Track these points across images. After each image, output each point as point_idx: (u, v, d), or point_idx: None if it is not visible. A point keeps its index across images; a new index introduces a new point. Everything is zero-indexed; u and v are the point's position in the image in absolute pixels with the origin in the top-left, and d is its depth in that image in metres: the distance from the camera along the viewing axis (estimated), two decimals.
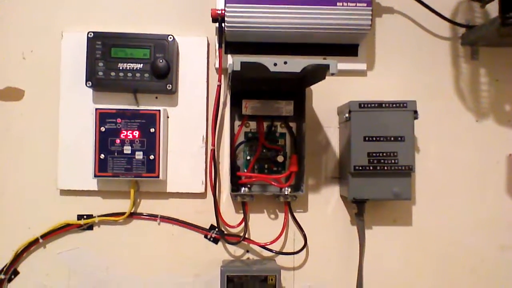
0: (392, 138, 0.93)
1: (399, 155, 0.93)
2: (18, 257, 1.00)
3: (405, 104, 0.93)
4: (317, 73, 0.83)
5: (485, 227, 1.05)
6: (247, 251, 1.03)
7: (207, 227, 1.02)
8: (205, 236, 1.02)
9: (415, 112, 0.94)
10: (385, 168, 0.93)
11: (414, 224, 1.05)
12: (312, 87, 1.01)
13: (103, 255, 1.01)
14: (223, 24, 0.96)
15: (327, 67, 0.76)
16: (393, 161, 0.93)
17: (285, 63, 0.76)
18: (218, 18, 0.95)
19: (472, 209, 1.05)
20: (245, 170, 1.00)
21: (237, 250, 1.03)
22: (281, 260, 1.02)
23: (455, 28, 1.06)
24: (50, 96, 1.00)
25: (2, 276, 0.99)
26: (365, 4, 0.94)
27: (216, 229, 1.01)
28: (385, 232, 1.04)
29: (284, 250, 1.03)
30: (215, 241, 1.02)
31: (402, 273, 1.04)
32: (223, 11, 0.94)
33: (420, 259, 1.04)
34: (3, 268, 1.00)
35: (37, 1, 1.03)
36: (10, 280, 1.00)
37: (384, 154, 0.93)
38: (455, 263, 1.04)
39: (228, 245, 1.02)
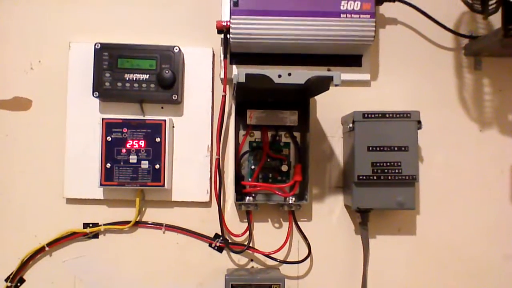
0: (396, 148, 0.94)
1: (403, 165, 0.94)
2: (24, 265, 1.01)
3: (408, 114, 0.94)
4: (321, 84, 0.84)
5: (489, 236, 1.05)
6: (252, 260, 1.03)
7: (212, 236, 1.03)
8: (210, 245, 1.03)
9: (419, 122, 0.94)
10: (389, 177, 0.94)
11: (418, 233, 1.05)
12: (317, 97, 1.02)
13: (108, 263, 1.02)
14: (228, 36, 0.97)
15: (331, 78, 0.77)
16: (397, 170, 0.94)
17: (289, 74, 0.77)
18: (223, 29, 0.96)
19: (476, 218, 1.05)
20: (250, 179, 1.01)
21: (241, 259, 1.03)
22: (285, 269, 1.03)
23: (458, 39, 1.07)
24: (57, 106, 1.02)
25: (8, 284, 1.00)
26: (368, 16, 0.95)
27: (221, 238, 1.02)
28: (389, 241, 1.04)
29: (288, 259, 1.03)
30: (220, 249, 1.03)
31: (407, 282, 1.04)
32: (228, 23, 0.95)
33: (424, 268, 1.04)
34: (9, 276, 1.00)
35: (45, 12, 1.04)
36: (16, 287, 1.01)
37: (388, 164, 0.94)
38: (459, 272, 1.04)
39: (232, 254, 1.03)
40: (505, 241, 1.05)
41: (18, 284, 1.01)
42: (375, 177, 0.94)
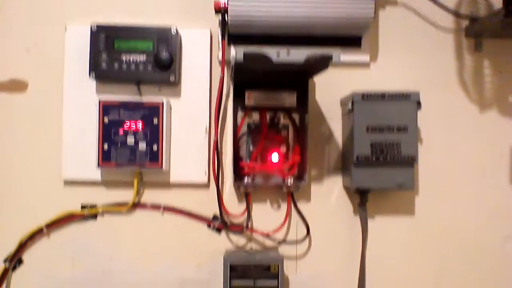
0: (395, 129, 0.94)
1: (402, 146, 0.94)
2: (23, 246, 1.01)
3: (408, 95, 0.94)
4: (320, 64, 0.83)
5: (488, 218, 1.05)
6: (250, 241, 1.03)
7: (210, 217, 1.03)
8: (208, 226, 1.03)
9: (418, 103, 0.94)
10: (388, 158, 0.94)
11: (416, 214, 1.05)
12: (315, 79, 1.01)
13: (106, 244, 1.02)
14: (226, 16, 0.96)
15: (330, 57, 0.76)
16: (396, 151, 0.94)
17: (288, 53, 0.76)
18: (221, 10, 0.95)
19: (475, 200, 1.05)
20: (248, 161, 1.00)
21: (240, 240, 1.03)
22: (284, 249, 1.03)
23: (459, 20, 1.06)
24: (54, 88, 1.01)
25: (7, 265, 1.00)
26: None
27: (219, 219, 1.01)
28: (388, 222, 1.05)
29: (287, 240, 1.03)
30: (218, 231, 1.03)
31: (405, 262, 1.04)
32: (226, 4, 0.94)
33: (422, 249, 1.05)
34: (7, 257, 1.00)
35: None
36: (14, 268, 1.01)
37: (387, 144, 0.94)
38: (457, 254, 1.05)
39: (231, 235, 1.03)
40: (504, 223, 1.06)
41: (17, 265, 1.02)
42: (374, 158, 0.94)
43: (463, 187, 1.05)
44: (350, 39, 1.03)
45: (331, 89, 1.04)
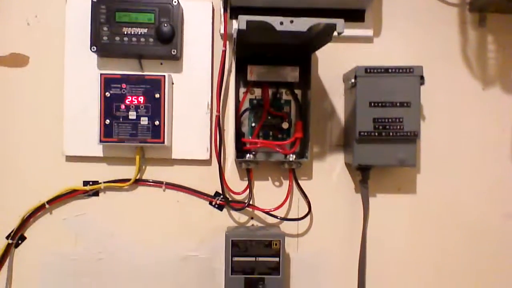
0: (398, 104, 0.93)
1: (404, 121, 0.93)
2: (25, 222, 1.01)
3: (411, 70, 0.93)
4: (324, 35, 0.82)
5: (490, 195, 1.05)
6: (252, 218, 1.04)
7: (212, 194, 1.02)
8: (210, 203, 1.03)
9: (422, 77, 0.93)
10: (391, 134, 0.93)
11: (418, 191, 1.05)
12: (318, 54, 1.00)
13: (108, 221, 1.02)
14: None
15: (334, 26, 0.75)
16: (398, 127, 0.93)
17: (292, 22, 0.75)
18: None
19: (477, 177, 1.05)
20: (250, 137, 1.00)
21: (241, 217, 1.03)
22: (285, 226, 1.03)
23: None
24: (55, 62, 1.00)
25: (10, 241, 1.00)
26: None
27: (221, 196, 1.01)
28: (389, 199, 1.04)
29: (288, 217, 1.03)
30: (220, 207, 1.03)
31: (406, 240, 1.05)
32: None
33: (424, 226, 1.05)
34: (10, 233, 1.00)
35: None
36: (17, 245, 1.02)
37: (390, 120, 0.93)
38: (459, 231, 1.05)
39: (232, 212, 1.03)
40: (506, 200, 1.05)
41: (19, 242, 1.02)
42: (376, 133, 0.93)
43: (465, 163, 1.05)
44: (354, 13, 1.01)
45: (333, 64, 1.03)
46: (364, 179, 1.00)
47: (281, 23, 0.75)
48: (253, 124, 1.01)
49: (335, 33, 0.77)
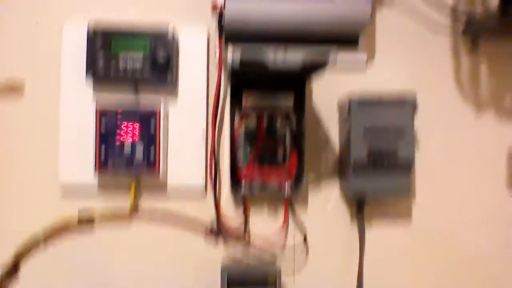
0: (392, 133, 0.93)
1: (399, 150, 0.93)
2: (19, 255, 1.00)
3: (405, 99, 0.93)
4: (318, 65, 0.82)
5: (486, 223, 1.05)
6: (248, 248, 1.03)
7: (208, 224, 1.02)
8: (206, 234, 1.02)
9: (415, 106, 0.93)
10: (385, 163, 0.93)
11: (414, 219, 1.05)
12: (313, 79, 1.00)
13: (103, 253, 1.01)
14: (223, 18, 0.94)
15: (327, 60, 0.76)
16: (393, 155, 0.93)
17: (284, 59, 0.75)
18: (218, 10, 0.94)
19: (472, 204, 1.05)
20: (245, 165, 1.00)
21: (237, 247, 1.03)
22: (281, 257, 1.03)
23: (455, 20, 1.05)
24: (51, 88, 0.99)
25: (2, 272, 0.99)
26: None
27: (216, 226, 1.01)
28: (386, 227, 1.05)
29: (284, 247, 1.03)
30: (216, 238, 1.02)
31: (403, 269, 1.05)
32: (223, 5, 0.92)
33: (420, 255, 1.05)
34: (3, 267, 0.99)
35: None
36: (10, 278, 1.00)
37: (384, 149, 0.93)
38: (456, 260, 1.05)
39: (228, 242, 1.03)
40: (503, 228, 1.06)
41: (13, 275, 1.00)
42: (371, 163, 0.93)
43: (460, 190, 1.05)
44: (348, 39, 1.01)
45: (328, 89, 1.03)
46: (360, 208, 1.00)
47: (275, 59, 0.75)
48: (248, 151, 1.00)
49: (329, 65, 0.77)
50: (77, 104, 0.99)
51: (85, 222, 1.00)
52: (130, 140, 0.94)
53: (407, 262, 1.05)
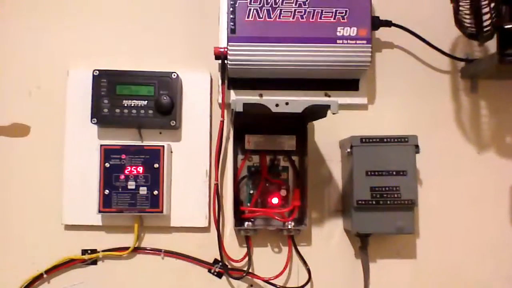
0: (394, 173, 0.94)
1: (401, 189, 0.93)
2: None
3: (406, 139, 0.94)
4: (319, 111, 0.84)
5: (490, 258, 1.05)
6: (251, 286, 1.03)
7: (211, 262, 1.02)
8: (209, 271, 1.02)
9: (417, 146, 0.94)
10: (388, 202, 0.93)
11: (418, 257, 1.04)
12: (315, 121, 1.02)
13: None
14: (226, 62, 0.97)
15: (328, 107, 0.77)
16: (395, 195, 0.94)
17: (287, 104, 0.77)
18: (221, 55, 0.97)
19: (476, 241, 1.05)
20: (248, 204, 1.00)
21: (241, 285, 1.03)
22: None
23: (454, 62, 1.07)
24: (56, 132, 1.02)
25: None
26: (365, 41, 0.96)
27: (220, 263, 1.01)
28: (390, 265, 1.04)
29: (288, 285, 1.02)
30: (219, 275, 1.02)
31: None
32: (226, 49, 0.96)
33: None
34: None
35: (44, 39, 1.05)
36: None
37: (387, 188, 0.94)
38: None
39: (232, 280, 1.02)
40: (507, 263, 1.05)
41: None
42: (374, 202, 0.94)
43: (464, 227, 1.05)
44: (348, 82, 1.04)
45: (330, 131, 1.05)
46: (364, 246, 0.99)
47: (277, 105, 0.77)
48: (251, 191, 1.01)
49: (330, 112, 0.79)
50: (82, 147, 1.01)
51: (89, 258, 1.01)
52: (134, 178, 0.96)
53: None
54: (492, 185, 1.06)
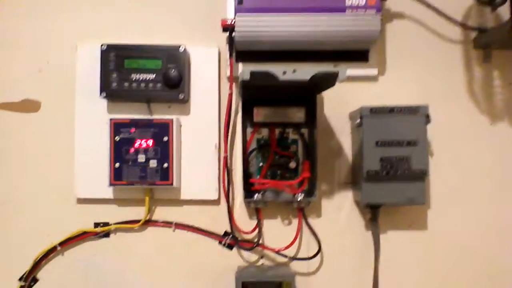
0: (404, 143, 0.93)
1: (412, 160, 0.93)
2: (37, 264, 1.02)
3: (417, 109, 0.93)
4: (327, 80, 0.83)
5: (501, 232, 1.04)
6: (262, 257, 1.04)
7: (221, 234, 1.03)
8: (220, 243, 1.03)
9: (427, 116, 0.93)
10: (398, 172, 0.93)
11: (429, 228, 1.04)
12: (324, 93, 1.01)
13: (119, 262, 1.03)
14: (233, 34, 0.97)
15: (336, 74, 0.77)
16: (406, 165, 0.93)
17: (294, 71, 0.76)
18: (228, 28, 0.96)
19: (487, 213, 1.04)
20: (258, 177, 1.01)
21: (251, 256, 1.03)
22: (295, 266, 1.03)
23: (466, 32, 1.05)
24: (66, 107, 1.03)
25: (22, 283, 1.02)
26: (374, 10, 0.94)
27: (230, 236, 1.02)
28: (400, 236, 1.04)
29: (298, 256, 1.03)
30: (230, 247, 1.03)
31: (418, 278, 1.03)
32: (233, 21, 0.95)
33: (435, 263, 1.03)
34: (22, 276, 1.02)
35: (52, 15, 1.05)
36: (29, 287, 1.03)
37: (397, 158, 0.93)
38: (471, 268, 1.03)
39: (242, 251, 1.03)
40: None
41: (32, 284, 1.03)
42: (384, 173, 0.93)
43: (475, 199, 1.04)
44: (358, 53, 1.03)
45: (339, 103, 1.04)
46: (374, 217, 0.99)
47: (284, 73, 0.76)
48: (261, 164, 1.01)
49: (338, 80, 0.78)
50: (92, 122, 1.02)
51: (101, 230, 1.02)
52: (144, 151, 0.96)
53: (421, 269, 1.03)
54: (505, 156, 1.04)
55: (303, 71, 0.77)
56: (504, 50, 1.04)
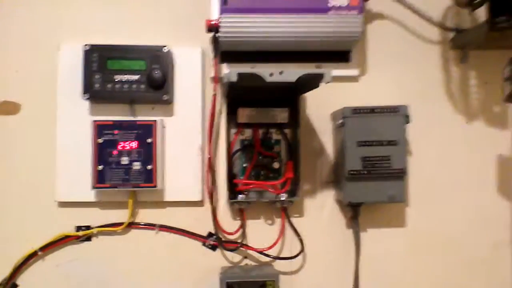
0: (385, 142, 0.95)
1: (392, 159, 0.95)
2: (17, 270, 1.00)
3: (397, 109, 0.95)
4: (312, 82, 0.84)
5: (479, 225, 1.07)
6: (245, 257, 1.04)
7: (205, 235, 1.03)
8: (203, 244, 1.03)
9: (407, 116, 0.96)
10: (379, 172, 0.95)
11: (408, 225, 1.06)
12: (306, 94, 1.02)
13: (102, 265, 1.02)
14: (217, 34, 0.97)
15: (321, 76, 0.78)
16: (386, 165, 0.95)
17: (281, 73, 0.77)
18: (212, 28, 0.96)
19: (465, 209, 1.07)
20: (242, 178, 1.01)
21: (235, 257, 1.04)
22: (279, 265, 1.03)
23: (444, 33, 1.08)
24: (47, 109, 1.01)
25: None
26: (356, 12, 0.96)
27: (214, 236, 1.02)
28: (381, 234, 1.06)
29: (281, 255, 1.04)
30: (213, 248, 1.03)
31: (399, 274, 1.06)
32: (217, 22, 0.95)
33: (416, 259, 1.06)
34: (2, 282, 0.99)
35: (34, 15, 1.03)
36: None
37: (378, 158, 0.95)
38: (450, 262, 1.06)
39: (226, 252, 1.03)
40: (494, 230, 1.07)
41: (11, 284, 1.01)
42: (365, 172, 0.95)
43: (453, 196, 1.07)
44: (340, 54, 1.04)
45: (322, 103, 1.05)
46: (355, 216, 1.01)
47: (271, 75, 0.77)
48: (245, 165, 1.02)
49: (323, 82, 0.79)
50: (74, 123, 1.00)
51: (83, 234, 1.01)
52: (127, 153, 0.96)
53: (402, 265, 1.06)
54: (481, 153, 1.08)
55: (290, 73, 0.78)
56: (481, 50, 1.07)
